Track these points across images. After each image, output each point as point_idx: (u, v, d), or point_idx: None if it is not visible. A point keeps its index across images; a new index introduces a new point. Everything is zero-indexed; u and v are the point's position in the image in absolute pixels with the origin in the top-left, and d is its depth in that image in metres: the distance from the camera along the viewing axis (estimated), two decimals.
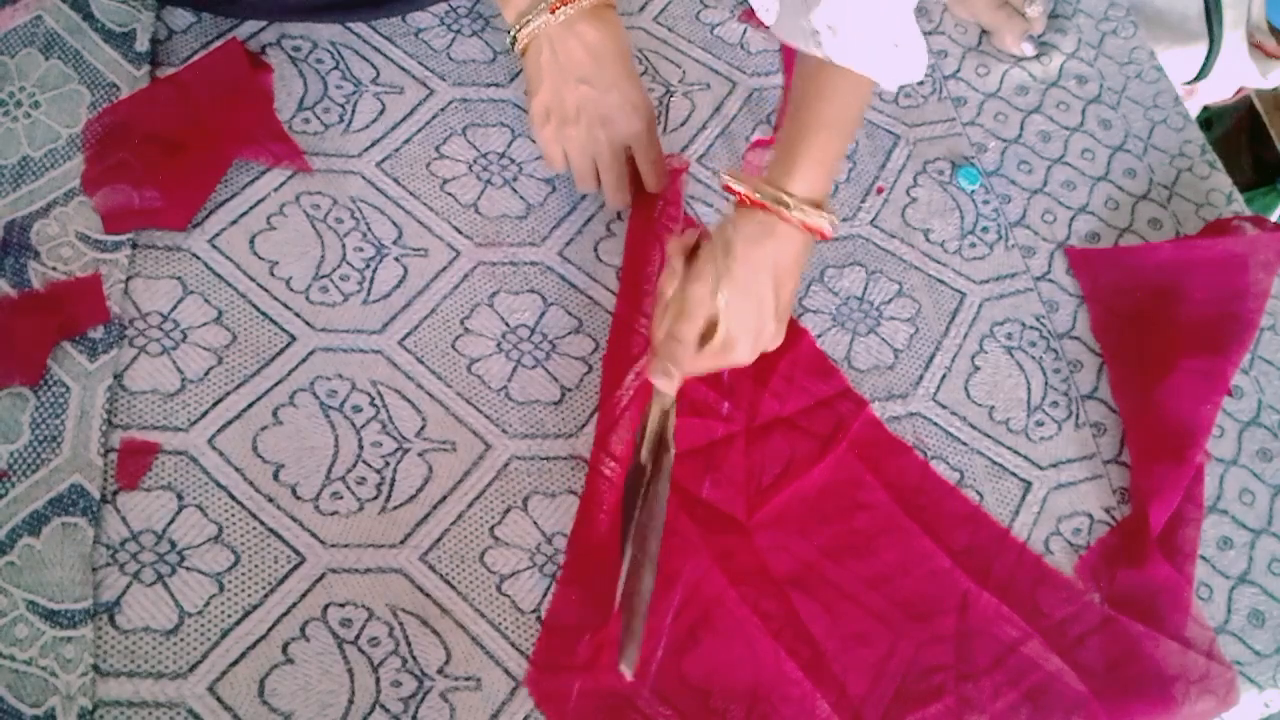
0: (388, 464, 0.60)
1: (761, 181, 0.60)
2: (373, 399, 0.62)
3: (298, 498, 0.58)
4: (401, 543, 0.58)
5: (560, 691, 0.55)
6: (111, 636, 0.52)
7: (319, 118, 0.71)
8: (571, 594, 0.58)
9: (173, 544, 0.55)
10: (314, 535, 0.57)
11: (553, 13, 0.63)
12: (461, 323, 0.66)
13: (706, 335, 0.60)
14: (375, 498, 0.59)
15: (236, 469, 0.58)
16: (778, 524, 0.62)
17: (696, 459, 0.63)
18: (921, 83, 0.83)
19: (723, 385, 0.65)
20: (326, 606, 0.55)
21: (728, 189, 0.61)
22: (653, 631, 0.57)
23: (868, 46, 0.59)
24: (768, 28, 0.83)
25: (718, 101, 0.79)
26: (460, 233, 0.69)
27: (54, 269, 0.61)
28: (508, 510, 0.60)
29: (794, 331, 0.69)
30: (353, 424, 0.61)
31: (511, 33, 0.64)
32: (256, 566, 0.56)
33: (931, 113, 0.82)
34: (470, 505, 0.60)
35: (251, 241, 0.65)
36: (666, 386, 0.60)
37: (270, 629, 0.54)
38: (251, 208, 0.66)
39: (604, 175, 0.68)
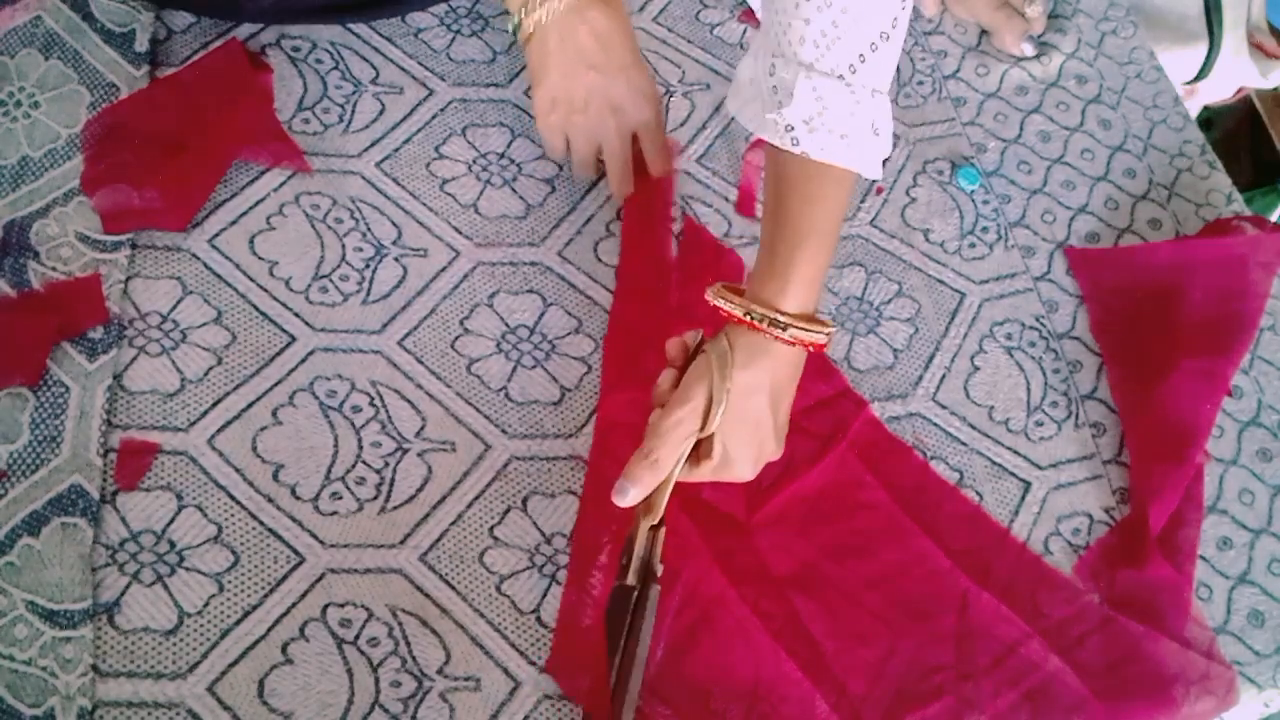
0: (387, 464, 0.60)
1: (751, 301, 0.57)
2: (372, 399, 0.62)
3: (297, 498, 0.58)
4: (401, 543, 0.58)
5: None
6: (111, 637, 0.52)
7: (319, 118, 0.71)
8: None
9: (172, 544, 0.55)
10: (314, 535, 0.57)
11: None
12: (461, 323, 0.66)
13: (703, 453, 0.57)
14: (375, 498, 0.59)
15: (236, 469, 0.58)
16: (778, 524, 0.62)
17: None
18: (921, 83, 0.83)
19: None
20: (326, 607, 0.55)
21: (717, 310, 0.58)
22: (652, 631, 0.57)
23: (848, 138, 0.56)
24: None
25: (718, 101, 0.79)
26: (460, 233, 0.69)
27: (54, 269, 0.61)
28: (507, 510, 0.60)
29: None
30: (352, 424, 0.61)
31: (516, 19, 0.63)
32: (256, 567, 0.56)
33: (931, 113, 0.82)
34: (470, 505, 0.60)
35: (251, 242, 0.65)
36: (622, 502, 0.56)
37: (270, 629, 0.54)
38: (251, 208, 0.66)
39: (610, 163, 0.67)
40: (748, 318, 0.56)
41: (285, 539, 0.57)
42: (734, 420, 0.57)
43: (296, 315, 0.64)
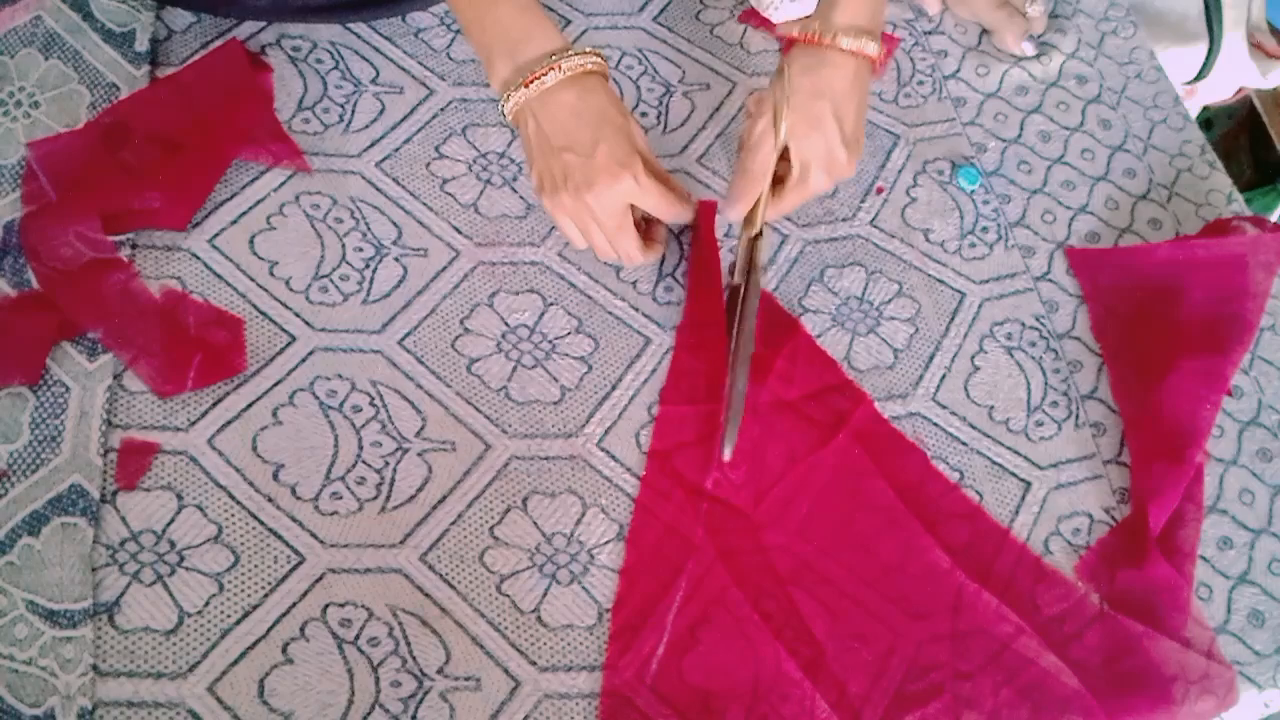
0: (387, 464, 0.60)
1: (810, 19, 0.66)
2: (372, 399, 0.62)
3: (297, 498, 0.58)
4: (401, 543, 0.58)
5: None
6: (111, 636, 0.52)
7: (319, 118, 0.71)
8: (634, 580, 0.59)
9: (172, 544, 0.55)
10: (314, 535, 0.57)
11: (527, 86, 0.61)
12: (461, 323, 0.66)
13: (783, 176, 0.66)
14: (375, 498, 0.59)
15: (236, 469, 0.58)
16: (779, 522, 0.62)
17: (700, 449, 0.63)
18: (921, 83, 0.83)
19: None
20: (326, 606, 0.55)
21: (780, 36, 0.67)
22: (653, 630, 0.57)
23: None
24: (768, 27, 0.83)
25: (718, 101, 0.79)
26: (460, 233, 0.69)
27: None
28: (507, 510, 0.60)
29: (791, 327, 0.69)
30: (352, 424, 0.61)
31: (500, 105, 0.63)
32: (256, 566, 0.56)
33: (931, 113, 0.82)
34: (470, 505, 0.60)
35: (251, 241, 0.65)
36: (734, 214, 0.67)
37: (270, 629, 0.54)
38: (251, 208, 0.66)
39: (611, 241, 0.65)
40: (805, 31, 0.65)
41: (285, 539, 0.57)
42: (801, 126, 0.64)
43: (296, 315, 0.64)
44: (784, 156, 0.65)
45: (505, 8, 0.61)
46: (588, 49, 0.62)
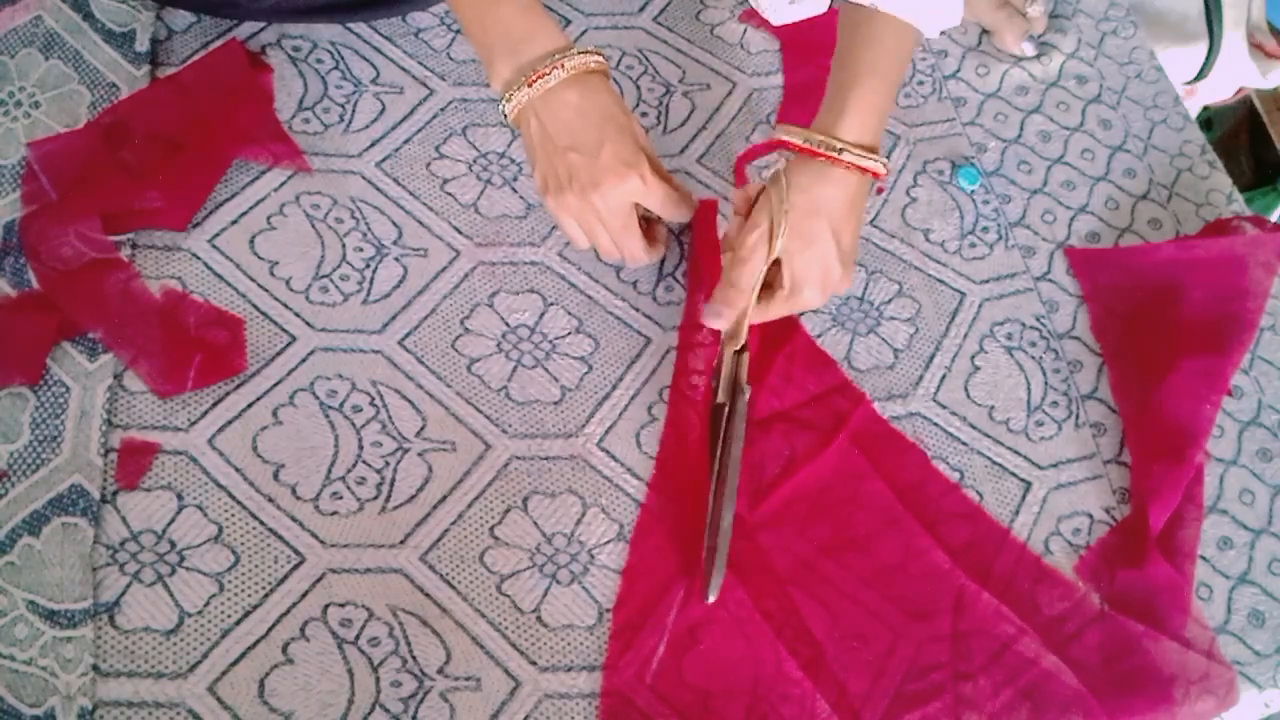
0: (388, 464, 0.60)
1: (812, 130, 0.63)
2: (373, 399, 0.62)
3: (298, 498, 0.58)
4: (401, 543, 0.58)
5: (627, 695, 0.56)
6: (111, 636, 0.52)
7: (319, 118, 0.71)
8: (640, 569, 0.59)
9: (173, 544, 0.55)
10: (314, 535, 0.57)
11: (530, 86, 0.60)
12: (461, 323, 0.66)
13: (774, 283, 0.63)
14: (375, 498, 0.59)
15: (236, 469, 0.58)
16: (778, 522, 0.62)
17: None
18: (921, 83, 0.83)
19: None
20: (326, 606, 0.55)
21: (780, 142, 0.64)
22: (653, 630, 0.57)
23: None
24: (768, 27, 0.83)
25: (718, 101, 0.79)
26: (460, 233, 0.69)
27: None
28: (508, 510, 0.60)
29: (790, 327, 0.69)
30: (353, 424, 0.61)
31: (502, 105, 0.62)
32: (256, 566, 0.56)
33: (931, 113, 0.82)
34: (470, 505, 0.60)
35: (251, 241, 0.65)
36: (717, 325, 0.64)
37: (270, 629, 0.54)
38: (251, 208, 0.66)
39: (615, 240, 0.65)
40: (806, 144, 0.62)
41: (286, 539, 0.57)
42: (797, 242, 0.62)
43: (297, 315, 0.64)
44: (774, 263, 0.63)
45: (508, 7, 0.61)
46: (590, 48, 0.62)
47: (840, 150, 0.61)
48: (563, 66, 0.60)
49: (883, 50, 0.64)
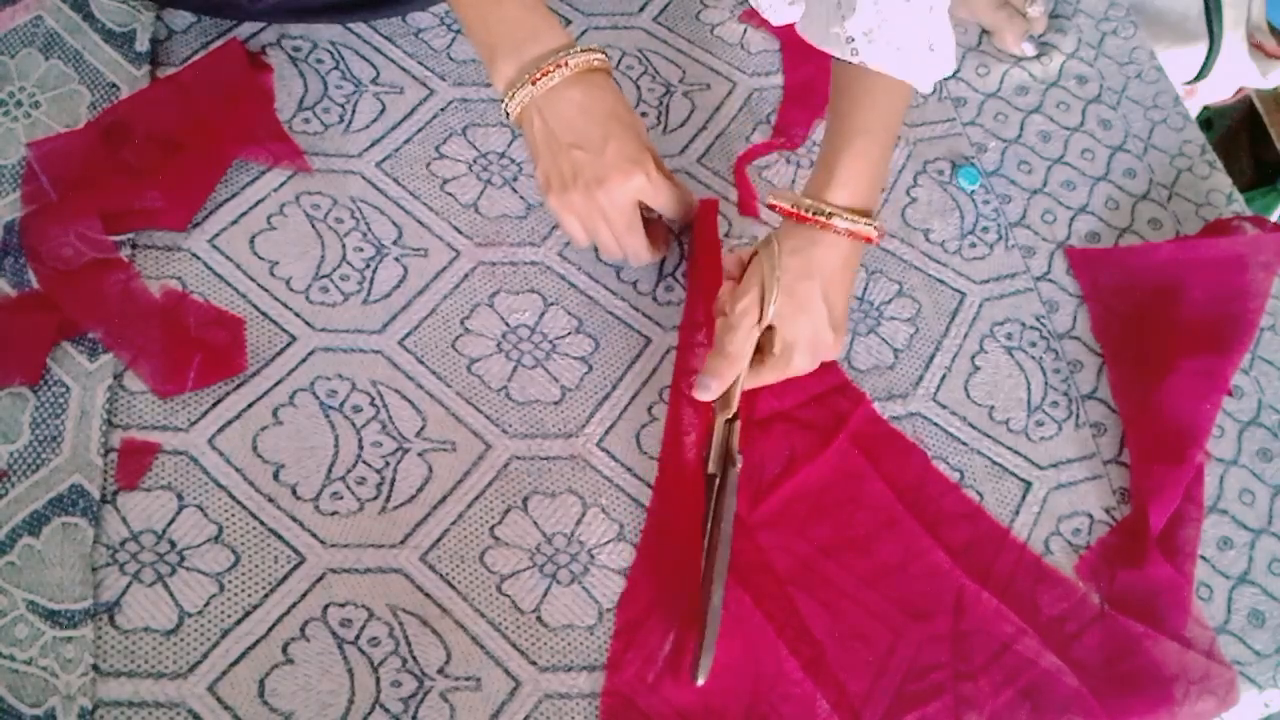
0: (388, 464, 0.60)
1: (803, 195, 0.63)
2: (373, 399, 0.62)
3: (298, 498, 0.58)
4: (401, 543, 0.58)
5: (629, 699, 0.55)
6: (111, 636, 0.52)
7: (319, 118, 0.71)
8: (644, 580, 0.59)
9: (173, 544, 0.55)
10: (314, 535, 0.57)
11: (534, 84, 0.60)
12: (461, 323, 0.66)
13: (766, 348, 0.63)
14: (375, 498, 0.59)
15: (236, 469, 0.58)
16: (778, 522, 0.62)
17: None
18: None
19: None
20: (326, 606, 0.55)
21: (771, 207, 0.64)
22: (655, 629, 0.57)
23: (903, 51, 0.60)
24: (768, 27, 0.83)
25: (718, 101, 0.79)
26: (460, 233, 0.69)
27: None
28: (508, 510, 0.60)
29: None
30: (353, 424, 0.61)
31: (504, 104, 0.62)
32: (256, 566, 0.56)
33: (931, 113, 0.82)
34: (470, 505, 0.60)
35: (251, 241, 0.65)
36: (706, 397, 0.62)
37: (270, 629, 0.54)
38: (251, 208, 0.66)
39: (619, 238, 0.65)
40: (795, 208, 0.62)
41: (286, 539, 0.57)
42: (788, 307, 0.61)
43: (297, 315, 0.64)
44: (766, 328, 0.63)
45: (511, 6, 0.61)
46: (593, 46, 0.62)
47: (831, 215, 0.61)
48: (566, 64, 0.60)
49: (875, 109, 0.63)
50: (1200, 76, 1.02)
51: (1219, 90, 1.08)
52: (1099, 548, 0.65)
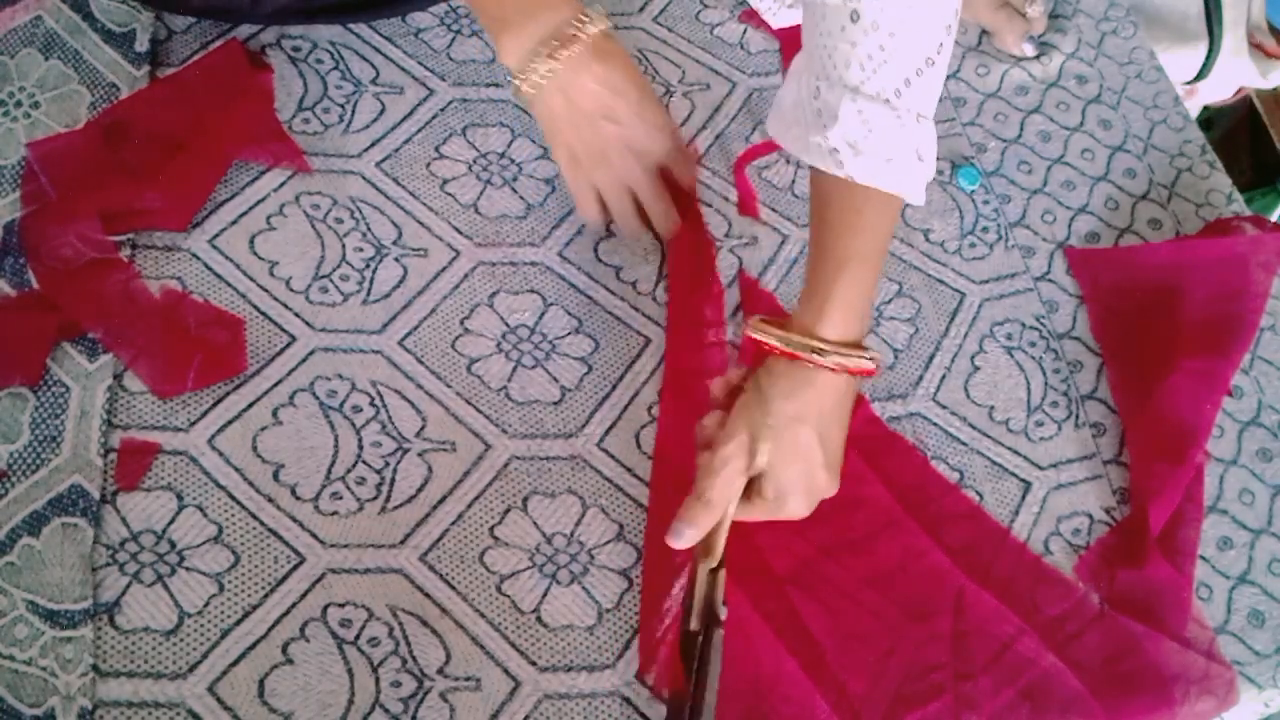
0: (387, 464, 0.60)
1: (791, 330, 0.57)
2: (372, 399, 0.62)
3: (297, 498, 0.58)
4: (401, 543, 0.58)
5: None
6: (111, 636, 0.52)
7: (319, 118, 0.71)
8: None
9: (172, 544, 0.55)
10: (314, 535, 0.57)
11: (554, 58, 0.59)
12: (461, 323, 0.66)
13: (755, 491, 0.57)
14: (375, 498, 0.59)
15: (236, 469, 0.58)
16: (777, 523, 0.62)
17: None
18: None
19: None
20: (326, 607, 0.55)
21: (759, 345, 0.57)
22: (654, 629, 0.57)
23: (894, 162, 0.55)
24: (768, 27, 0.83)
25: (717, 102, 0.79)
26: (460, 233, 0.69)
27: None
28: (507, 510, 0.60)
29: None
30: (352, 424, 0.61)
31: (516, 82, 0.60)
32: (256, 567, 0.56)
33: None
34: (470, 505, 0.60)
35: (251, 241, 0.65)
36: (679, 545, 0.56)
37: (270, 629, 0.54)
38: (251, 208, 0.66)
39: (650, 206, 0.64)
40: (786, 347, 0.56)
41: (285, 539, 0.57)
42: (780, 454, 0.56)
43: (297, 315, 0.64)
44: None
45: None
46: (596, 11, 0.61)
47: (825, 354, 0.55)
48: (583, 35, 0.59)
49: (866, 231, 0.56)
50: (1200, 76, 1.02)
51: (1219, 90, 1.08)
52: (1099, 548, 0.65)
